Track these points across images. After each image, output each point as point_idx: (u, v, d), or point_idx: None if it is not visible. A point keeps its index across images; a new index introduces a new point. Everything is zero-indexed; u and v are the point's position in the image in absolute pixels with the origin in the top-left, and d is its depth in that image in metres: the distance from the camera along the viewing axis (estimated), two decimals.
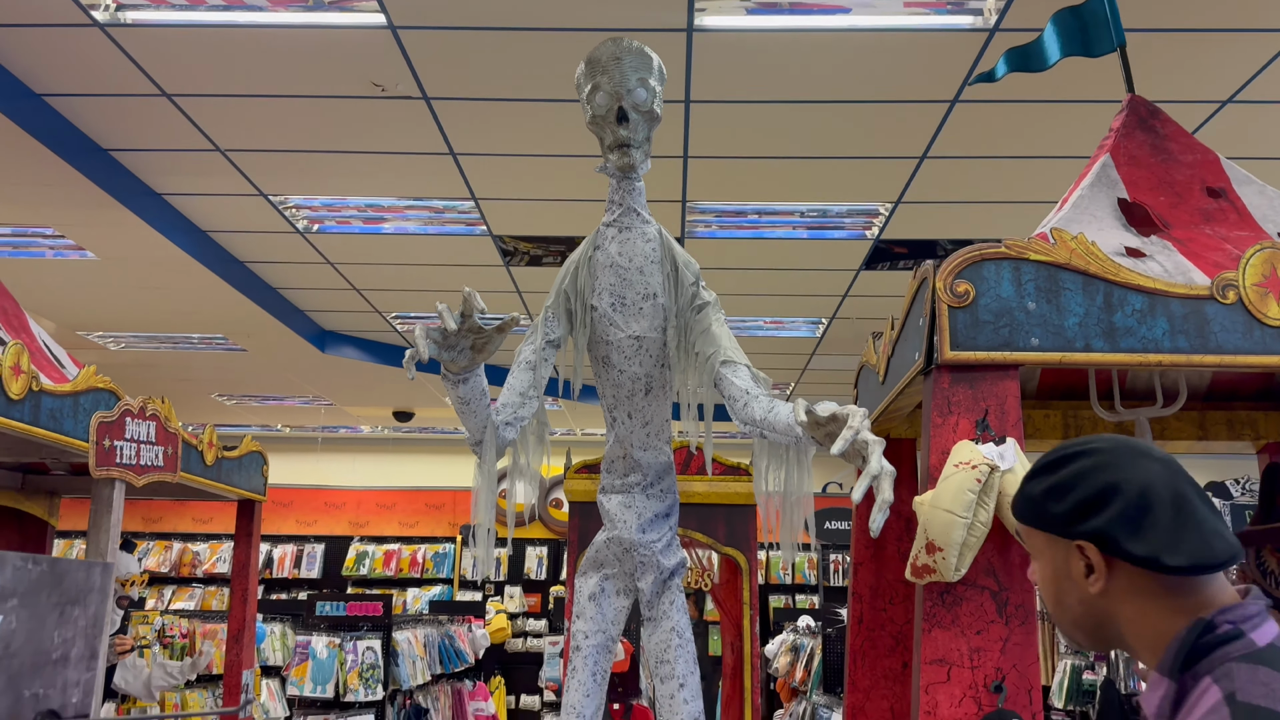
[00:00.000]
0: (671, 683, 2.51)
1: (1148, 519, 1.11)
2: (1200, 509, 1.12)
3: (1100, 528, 1.13)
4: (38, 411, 3.27)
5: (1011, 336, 2.12)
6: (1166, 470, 1.13)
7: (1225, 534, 1.12)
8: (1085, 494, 1.14)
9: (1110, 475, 1.14)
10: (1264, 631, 1.09)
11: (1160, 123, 2.73)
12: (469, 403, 2.25)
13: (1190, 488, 1.13)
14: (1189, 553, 1.09)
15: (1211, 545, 1.10)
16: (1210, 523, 1.11)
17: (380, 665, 6.64)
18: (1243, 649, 1.06)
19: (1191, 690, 1.07)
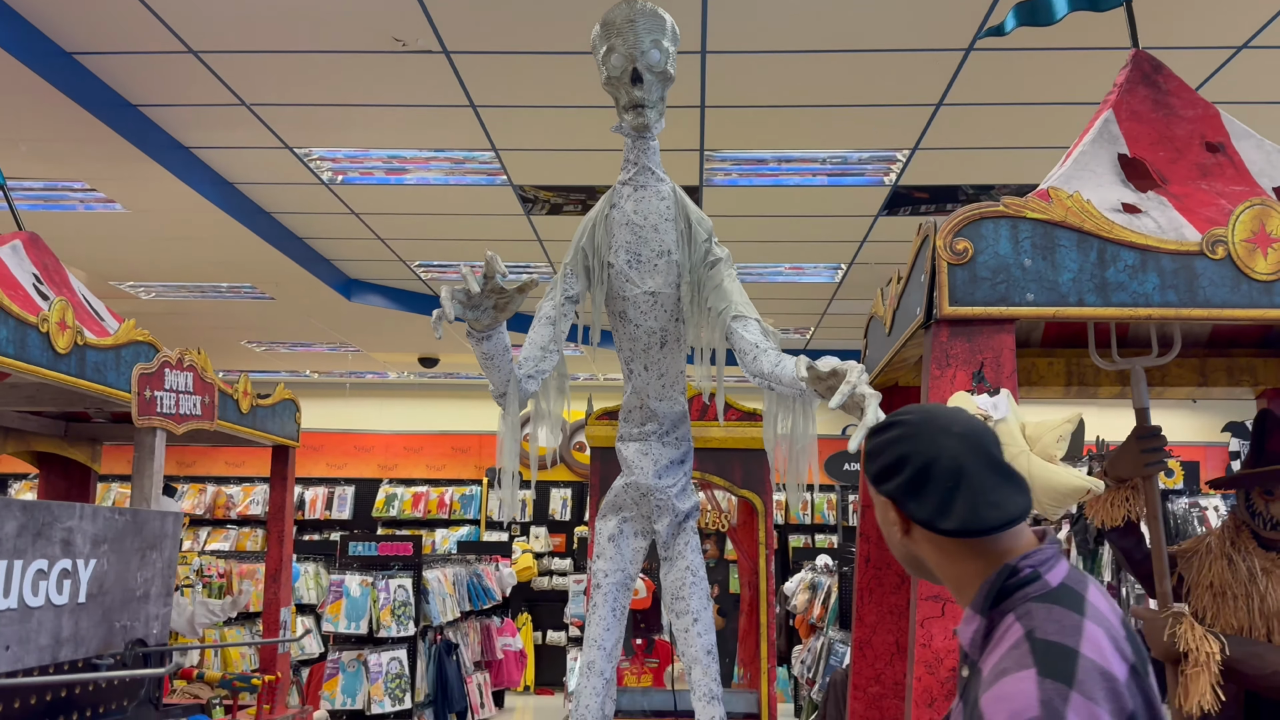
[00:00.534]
0: (686, 617, 2.68)
1: (925, 489, 1.27)
2: (982, 481, 1.27)
3: (891, 491, 1.31)
4: (83, 364, 3.44)
5: (1008, 292, 2.22)
6: (959, 444, 1.29)
7: (1004, 502, 1.27)
8: (885, 461, 1.32)
9: (904, 448, 1.30)
10: (1056, 572, 1.26)
11: (1163, 78, 2.78)
12: (492, 358, 2.38)
13: (981, 461, 1.28)
14: (958, 520, 1.25)
15: (980, 514, 1.25)
16: (988, 493, 1.26)
17: (411, 602, 6.90)
18: (1039, 590, 1.23)
19: (998, 625, 1.23)
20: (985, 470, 1.29)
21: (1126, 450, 2.62)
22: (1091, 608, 1.22)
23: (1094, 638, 1.17)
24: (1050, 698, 1.10)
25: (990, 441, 1.34)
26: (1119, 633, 1.22)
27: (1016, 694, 1.12)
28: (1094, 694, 1.11)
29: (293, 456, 5.28)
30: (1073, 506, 7.35)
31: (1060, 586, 1.24)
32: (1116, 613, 1.27)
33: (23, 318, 3.10)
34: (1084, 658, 1.14)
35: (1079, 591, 1.24)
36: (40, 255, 4.00)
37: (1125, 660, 1.18)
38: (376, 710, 6.60)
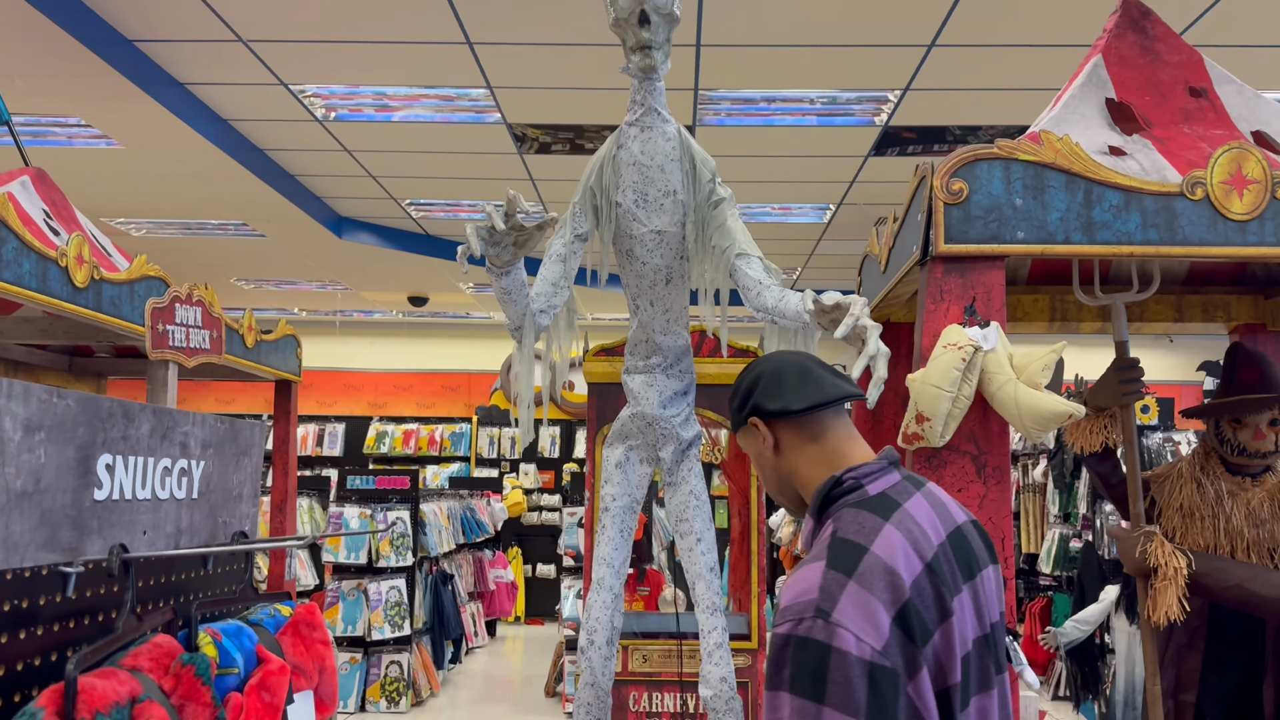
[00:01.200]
0: (690, 537, 2.84)
1: (778, 384, 1.49)
2: (820, 373, 1.51)
3: (753, 402, 1.51)
4: (100, 299, 3.53)
5: (1000, 230, 2.35)
6: (796, 357, 1.54)
7: (843, 384, 1.50)
8: (744, 387, 1.54)
9: (755, 369, 1.54)
10: (879, 484, 1.42)
11: (1151, 23, 2.88)
12: (510, 293, 2.50)
13: (815, 363, 1.54)
14: (809, 397, 1.48)
15: (824, 389, 1.48)
16: (829, 379, 1.51)
17: (409, 534, 7.08)
18: (857, 498, 1.40)
19: (821, 528, 1.42)
20: (808, 364, 1.52)
21: (1106, 381, 2.78)
22: (903, 513, 1.37)
23: (888, 538, 1.32)
24: (829, 584, 1.27)
25: (816, 359, 1.57)
26: (923, 536, 1.36)
27: (804, 579, 1.29)
28: (871, 584, 1.27)
29: (295, 391, 5.39)
30: (1050, 439, 7.58)
31: (877, 495, 1.40)
32: (939, 520, 1.41)
33: (44, 252, 3.18)
34: (871, 554, 1.30)
35: (896, 500, 1.40)
36: (48, 191, 4.05)
37: (920, 559, 1.33)
38: (377, 636, 6.82)
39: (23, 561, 0.96)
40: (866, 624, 1.23)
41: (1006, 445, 2.39)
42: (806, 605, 1.25)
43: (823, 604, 1.24)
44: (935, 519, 1.41)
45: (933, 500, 1.45)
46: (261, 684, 1.22)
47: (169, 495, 1.19)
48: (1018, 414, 2.21)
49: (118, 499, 1.09)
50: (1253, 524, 2.72)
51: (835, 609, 1.24)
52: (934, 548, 1.37)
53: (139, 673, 1.09)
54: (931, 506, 1.43)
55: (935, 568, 1.34)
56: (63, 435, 1.00)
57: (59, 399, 1.01)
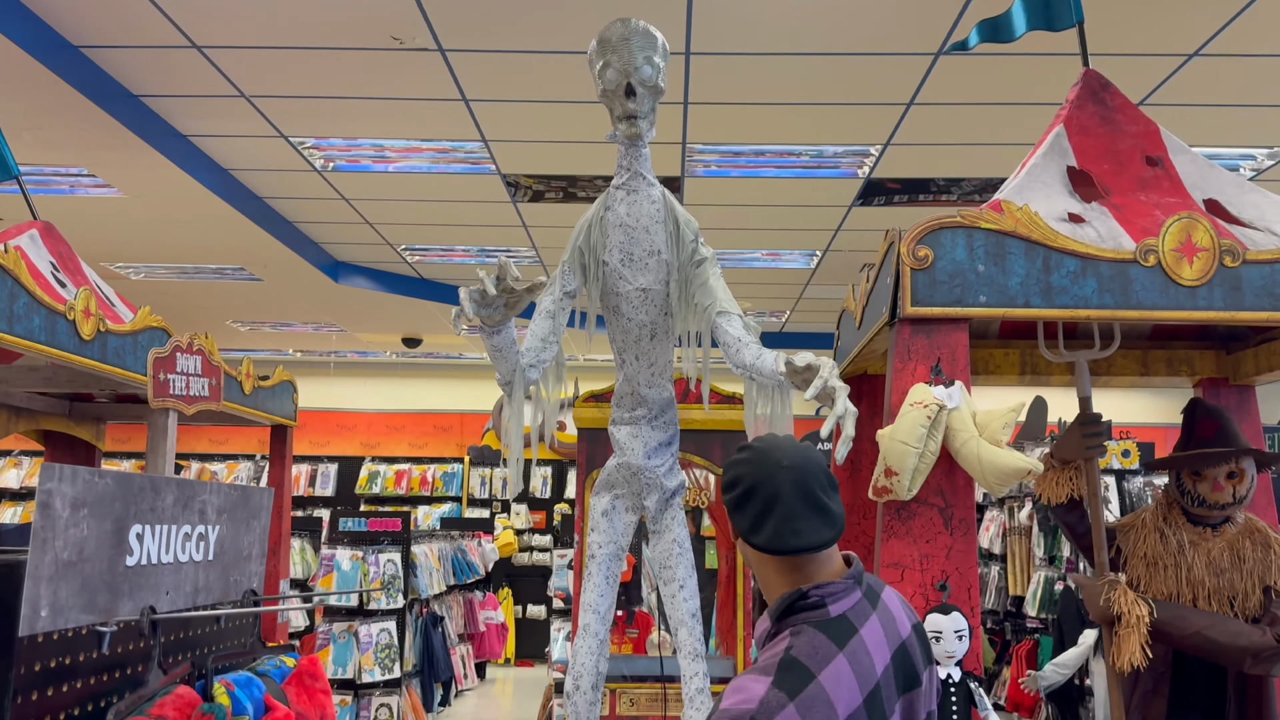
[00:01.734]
0: (674, 584, 2.95)
1: (746, 508, 1.49)
2: (791, 510, 1.46)
3: (726, 504, 1.53)
4: (105, 350, 3.65)
5: (963, 294, 2.49)
6: (784, 476, 1.48)
7: (806, 531, 1.46)
8: (726, 479, 1.54)
9: (739, 470, 1.52)
10: (842, 604, 1.46)
11: (1110, 95, 3.05)
12: (501, 350, 2.63)
13: (796, 493, 1.48)
14: (764, 539, 1.47)
15: (784, 538, 1.45)
16: (794, 521, 1.46)
17: (400, 576, 7.14)
18: (819, 617, 1.44)
19: (779, 635, 1.46)
20: (797, 502, 1.47)
21: (1070, 435, 2.91)
22: (857, 641, 1.41)
23: (837, 671, 1.36)
24: (770, 701, 1.31)
25: (814, 477, 1.50)
26: (870, 668, 1.41)
27: (746, 688, 1.33)
28: (807, 713, 1.31)
29: (290, 435, 5.50)
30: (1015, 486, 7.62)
31: (838, 618, 1.43)
32: (887, 642, 1.45)
33: (53, 307, 3.31)
34: (818, 683, 1.34)
35: (854, 625, 1.42)
36: (55, 244, 4.19)
37: (861, 693, 1.38)
38: (367, 679, 6.86)
39: (65, 624, 1.07)
40: None
41: (972, 498, 2.51)
42: (742, 715, 1.30)
43: (759, 719, 1.30)
44: (884, 642, 1.45)
45: (885, 618, 1.48)
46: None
47: (188, 558, 1.30)
48: (980, 469, 2.34)
49: (145, 564, 1.21)
50: (1213, 573, 2.83)
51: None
52: (877, 677, 1.41)
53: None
54: (883, 626, 1.46)
55: (873, 700, 1.39)
56: (102, 510, 1.11)
57: (100, 479, 1.12)
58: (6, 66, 4.59)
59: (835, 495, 1.53)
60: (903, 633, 1.49)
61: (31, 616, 1.01)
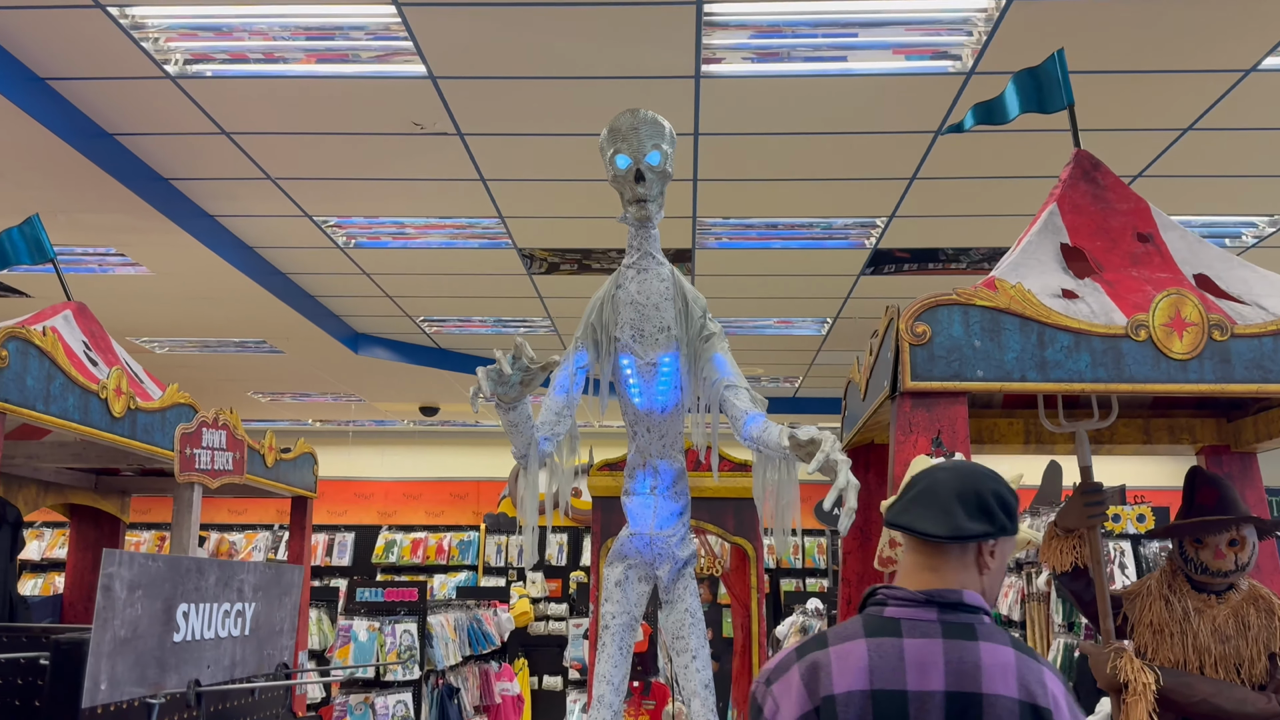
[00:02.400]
0: (686, 654, 3.00)
1: (901, 500, 1.64)
2: (921, 497, 1.60)
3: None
4: (134, 427, 3.78)
5: (961, 369, 2.59)
6: (940, 473, 1.63)
7: (917, 516, 1.58)
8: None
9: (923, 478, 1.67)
10: (901, 611, 1.55)
11: (1101, 174, 3.17)
12: (517, 425, 2.73)
13: (934, 486, 1.61)
14: (888, 512, 1.64)
15: (896, 513, 1.61)
16: (915, 507, 1.60)
17: (417, 647, 7.16)
18: (874, 612, 1.56)
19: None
20: (928, 494, 1.60)
21: (1072, 504, 2.97)
22: (893, 643, 1.48)
23: (851, 651, 1.48)
24: (786, 660, 1.49)
25: (956, 486, 1.60)
26: (899, 672, 1.46)
27: (783, 650, 1.53)
28: (806, 676, 1.46)
29: (310, 506, 5.59)
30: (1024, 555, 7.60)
31: (887, 618, 1.53)
32: (950, 675, 1.46)
33: (86, 386, 3.44)
34: (825, 652, 1.49)
35: (900, 630, 1.49)
36: (88, 323, 4.35)
37: (870, 683, 1.45)
38: None
39: (121, 696, 1.16)
40: (785, 703, 1.45)
41: None
42: (764, 671, 1.50)
43: (773, 674, 1.47)
44: (940, 671, 1.45)
45: (961, 657, 1.46)
46: None
47: (228, 634, 1.39)
48: None
49: (190, 640, 1.30)
50: (1219, 640, 2.87)
51: (777, 681, 1.46)
52: (906, 688, 1.44)
53: None
54: (948, 658, 1.46)
55: (888, 702, 1.44)
56: (154, 591, 1.21)
57: (153, 562, 1.22)
58: (45, 153, 4.81)
59: (977, 514, 1.57)
60: (984, 688, 1.45)
61: (93, 690, 1.11)
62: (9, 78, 4.31)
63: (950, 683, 1.45)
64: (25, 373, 3.17)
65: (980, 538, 1.57)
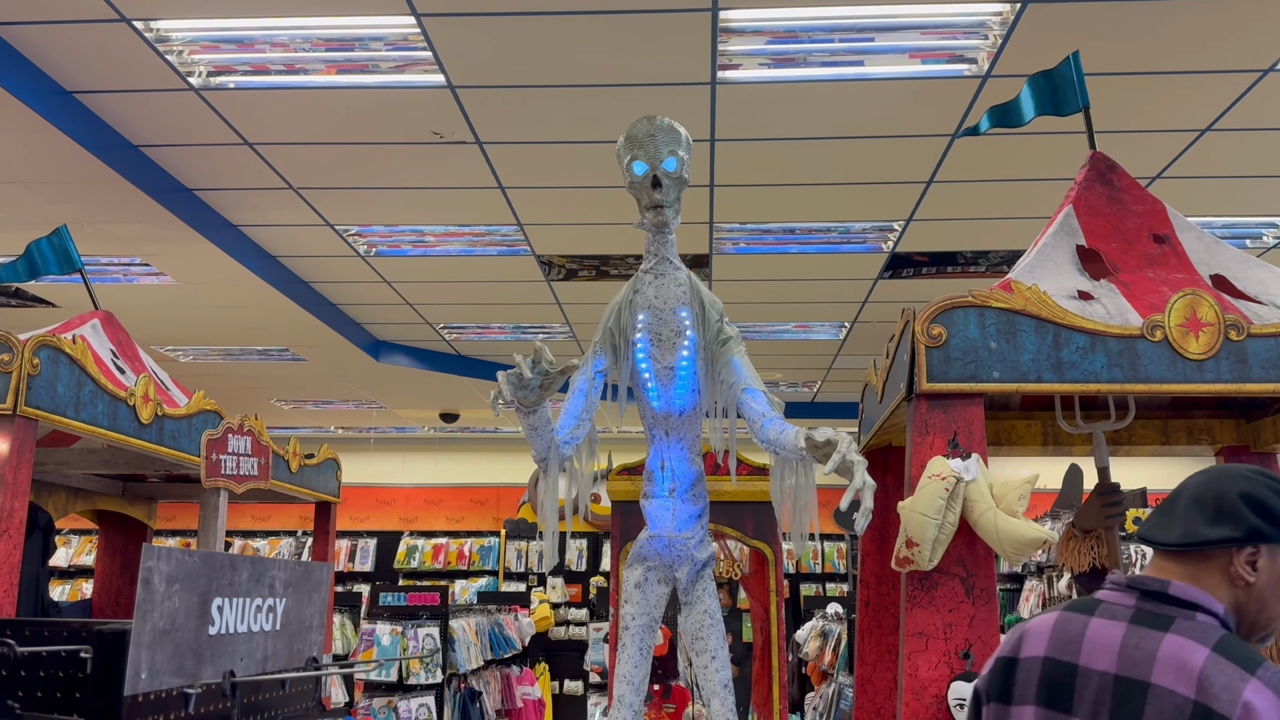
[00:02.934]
0: (705, 655, 3.03)
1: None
2: (1174, 507, 1.54)
3: None
4: (162, 433, 3.84)
5: (977, 371, 2.61)
6: (1194, 478, 1.57)
7: (1154, 524, 1.55)
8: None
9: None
10: (1106, 595, 1.58)
11: (1117, 176, 3.19)
12: (537, 429, 2.77)
13: (1178, 495, 1.56)
14: (1143, 531, 1.59)
15: (1148, 530, 1.55)
16: (1166, 518, 1.54)
17: (439, 650, 7.21)
18: (1092, 594, 1.61)
19: None
20: (1170, 502, 1.57)
21: (1090, 505, 2.99)
22: (1079, 619, 1.54)
23: (1043, 621, 1.58)
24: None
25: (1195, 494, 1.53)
26: (1075, 646, 1.51)
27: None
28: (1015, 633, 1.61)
29: (334, 511, 5.65)
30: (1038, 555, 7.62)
31: (1092, 599, 1.58)
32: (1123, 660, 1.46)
33: (115, 393, 3.51)
34: (1024, 623, 1.62)
35: (1091, 612, 1.54)
36: (115, 332, 4.43)
37: (1043, 650, 1.56)
38: None
39: (159, 685, 1.21)
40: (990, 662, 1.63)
41: (993, 568, 2.59)
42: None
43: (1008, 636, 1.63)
44: (1116, 654, 1.46)
45: (1140, 643, 1.45)
46: None
47: (259, 628, 1.44)
48: (998, 539, 2.42)
49: (225, 633, 1.34)
50: None
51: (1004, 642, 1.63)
52: (1078, 662, 1.49)
53: None
54: (1131, 645, 1.46)
55: (1056, 669, 1.52)
56: (190, 585, 1.25)
57: (189, 557, 1.27)
58: (72, 165, 4.91)
59: (1216, 519, 1.50)
60: (1153, 678, 1.42)
61: (134, 679, 1.15)
62: (37, 91, 4.40)
63: (1120, 667, 1.44)
64: (56, 380, 3.23)
65: (1219, 544, 1.47)
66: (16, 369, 3.12)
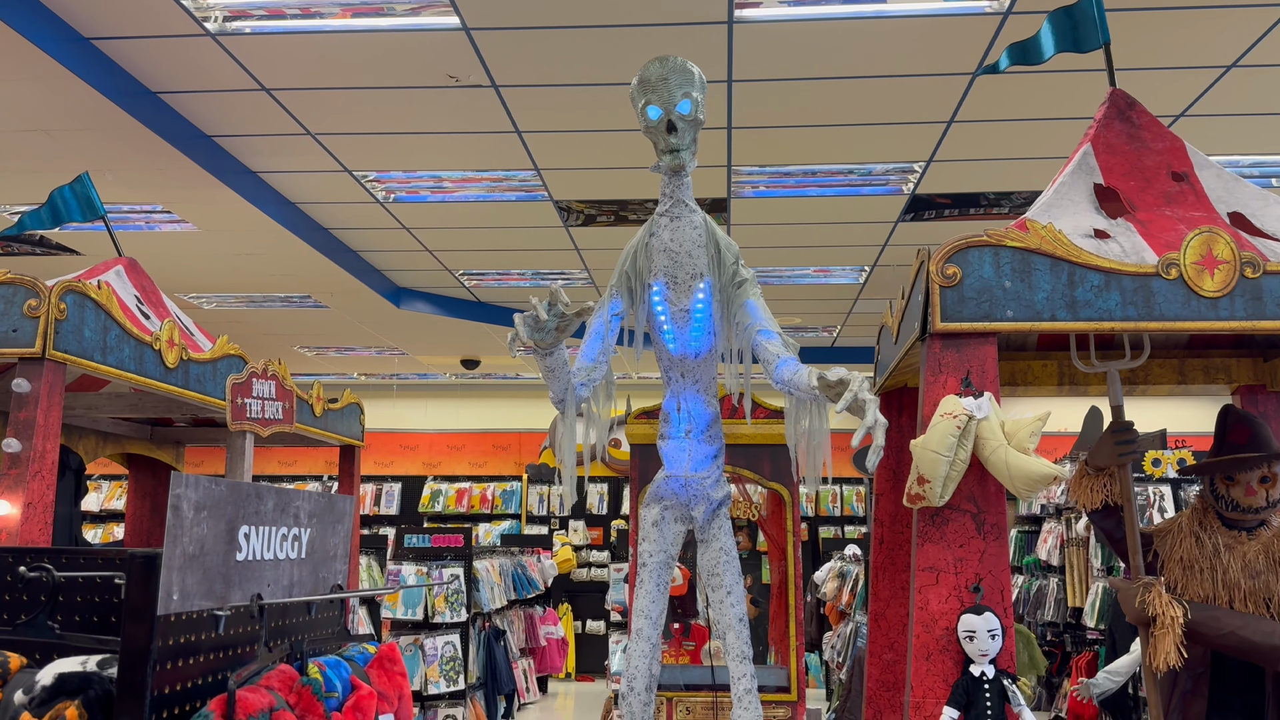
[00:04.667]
0: (721, 590, 3.09)
1: None
2: None
3: None
4: (187, 377, 3.91)
5: (991, 310, 2.61)
6: None
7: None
8: None
9: None
10: None
11: (1136, 113, 3.15)
12: (553, 370, 2.81)
13: None
14: None
15: None
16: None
17: (463, 590, 7.36)
18: None
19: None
20: None
21: (1104, 443, 3.00)
22: None
23: None
24: None
25: None
26: None
27: None
28: None
29: (358, 455, 5.75)
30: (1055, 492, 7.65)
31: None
32: None
33: (140, 338, 3.57)
34: None
35: None
36: (139, 278, 4.49)
37: None
38: (433, 691, 7.08)
39: (190, 607, 1.27)
40: None
41: (1003, 504, 2.62)
42: None
43: None
44: None
45: None
46: (356, 705, 1.51)
47: (285, 556, 1.49)
48: (1009, 476, 2.46)
49: (252, 560, 1.40)
50: (1248, 575, 2.90)
51: None
52: None
53: (273, 690, 1.39)
54: None
55: None
56: (218, 512, 1.31)
57: (215, 485, 1.32)
58: (93, 112, 4.94)
59: None
60: None
61: (166, 599, 1.21)
62: (55, 38, 4.41)
63: None
64: (83, 325, 3.30)
65: None
66: (44, 314, 3.19)
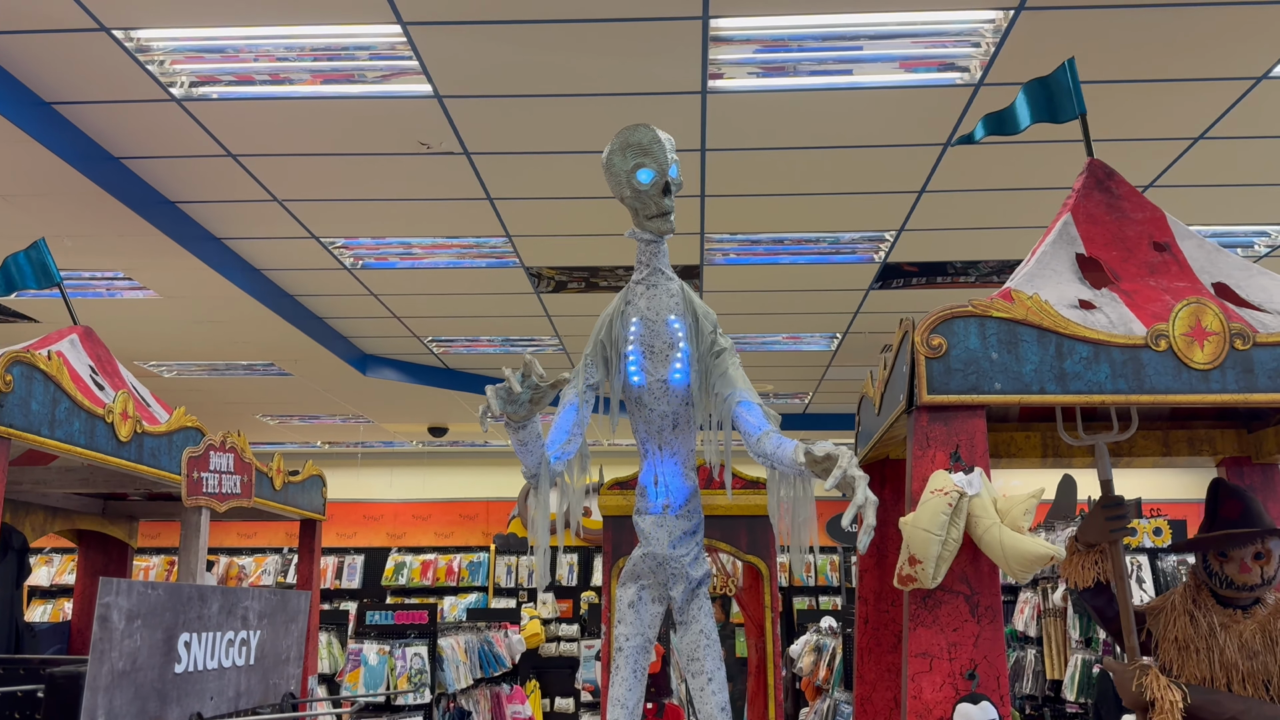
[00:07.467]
0: (701, 677, 2.94)
1: None
2: None
3: None
4: (141, 451, 3.74)
5: (978, 382, 2.54)
6: None
7: None
8: None
9: None
10: None
11: (1115, 183, 3.13)
12: (526, 444, 2.69)
13: None
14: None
15: None
16: None
17: (427, 670, 7.09)
18: None
19: None
20: None
21: (1093, 518, 2.91)
22: None
23: None
24: None
25: None
26: None
27: None
28: None
29: (319, 529, 5.55)
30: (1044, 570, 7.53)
31: None
32: None
33: (92, 410, 3.41)
34: None
35: None
36: (94, 347, 4.33)
37: None
38: None
39: None
40: None
41: (998, 585, 2.51)
42: None
43: None
44: None
45: None
46: None
47: (231, 663, 1.35)
48: (1003, 556, 2.35)
49: (192, 670, 1.26)
50: (1246, 656, 2.80)
51: None
52: None
53: None
54: None
55: None
56: (154, 620, 1.17)
57: (152, 590, 1.19)
58: (51, 177, 4.81)
59: None
60: None
61: None
62: (14, 102, 4.31)
63: None
64: (30, 397, 3.14)
65: None
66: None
